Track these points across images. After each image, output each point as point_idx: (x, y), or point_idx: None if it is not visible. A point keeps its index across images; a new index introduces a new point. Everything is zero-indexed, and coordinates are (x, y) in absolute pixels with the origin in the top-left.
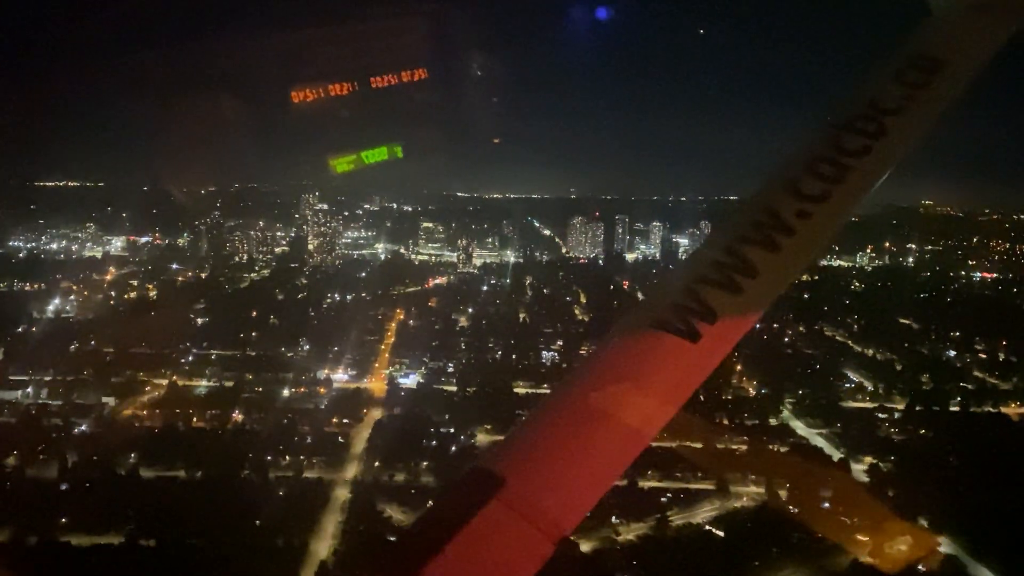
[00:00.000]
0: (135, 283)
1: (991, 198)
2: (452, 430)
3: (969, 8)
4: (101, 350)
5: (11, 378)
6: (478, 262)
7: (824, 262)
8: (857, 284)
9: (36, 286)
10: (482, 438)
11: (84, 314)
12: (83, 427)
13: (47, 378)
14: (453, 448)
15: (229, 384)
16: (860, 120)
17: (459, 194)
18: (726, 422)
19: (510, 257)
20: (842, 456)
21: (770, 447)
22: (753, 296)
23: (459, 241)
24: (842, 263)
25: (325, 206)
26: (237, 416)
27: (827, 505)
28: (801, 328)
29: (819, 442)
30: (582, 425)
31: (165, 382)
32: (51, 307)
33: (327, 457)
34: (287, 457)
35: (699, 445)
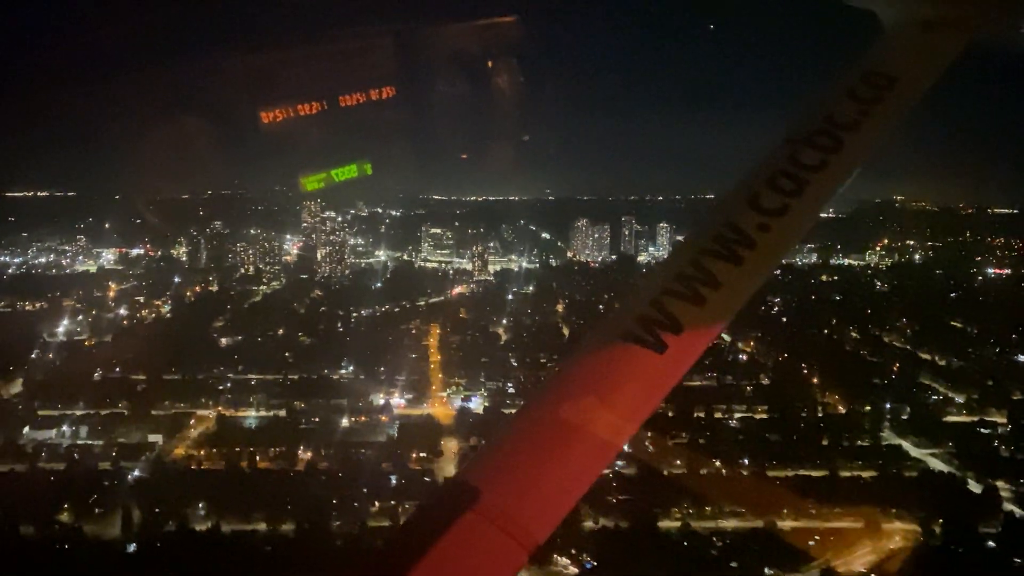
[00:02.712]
0: (141, 299)
1: (956, 194)
2: None
3: (920, 26)
4: (129, 378)
5: (40, 413)
6: (491, 268)
7: (835, 261)
8: (881, 284)
9: (36, 305)
10: None
11: (98, 336)
12: (136, 472)
13: (78, 412)
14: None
15: (281, 414)
16: (817, 135)
17: (435, 197)
18: (826, 443)
19: (522, 263)
20: (966, 479)
21: (893, 472)
22: (717, 307)
23: (473, 248)
24: (852, 262)
25: (332, 213)
26: (304, 454)
27: (992, 544)
28: (855, 334)
29: (937, 464)
30: (554, 437)
31: (210, 414)
32: (60, 329)
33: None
34: (376, 503)
35: (822, 473)
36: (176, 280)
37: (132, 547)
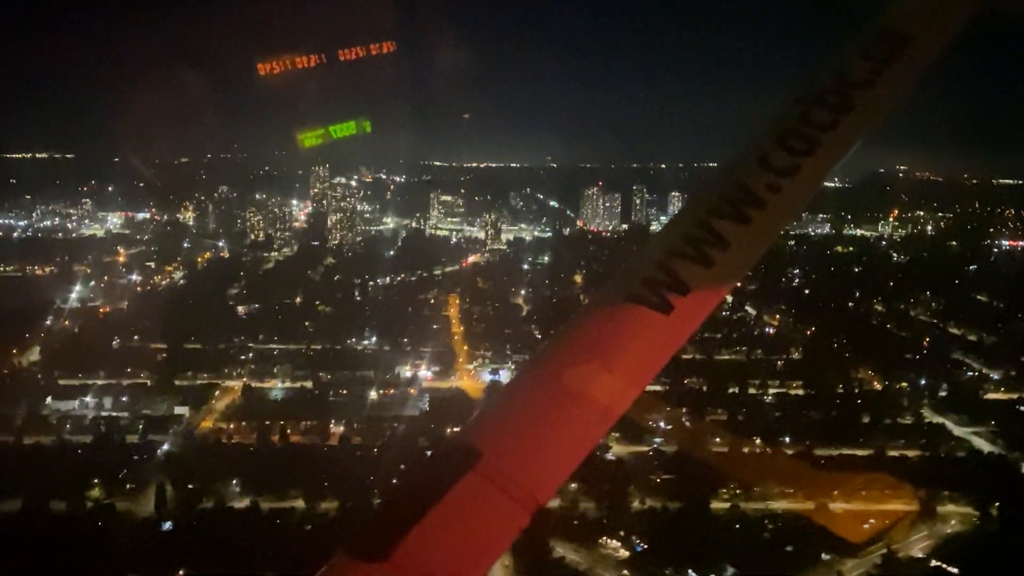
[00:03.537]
0: (152, 265)
1: (960, 164)
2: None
3: None
4: (148, 346)
5: (61, 383)
6: (503, 237)
7: (848, 232)
8: (898, 256)
9: (46, 270)
10: (619, 449)
11: (112, 303)
12: (165, 446)
13: (99, 382)
14: (604, 460)
15: (307, 385)
16: (829, 94)
17: (437, 163)
18: (867, 421)
19: (533, 231)
20: (1018, 460)
21: (940, 452)
22: (725, 269)
23: (485, 216)
24: (865, 233)
25: (342, 179)
26: (336, 428)
27: None
28: (880, 307)
29: (980, 443)
30: (557, 398)
31: (235, 385)
32: (73, 295)
33: None
34: None
35: (866, 452)
36: (186, 246)
37: (168, 525)
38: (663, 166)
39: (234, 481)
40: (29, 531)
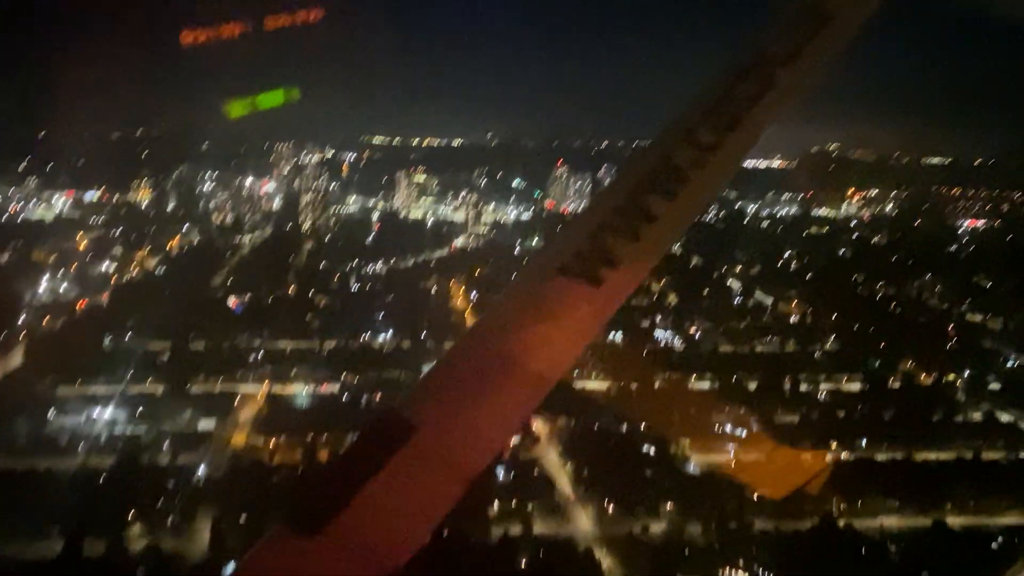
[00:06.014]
0: (119, 252)
1: (889, 142)
2: (654, 446)
3: None
4: (145, 347)
5: (60, 392)
6: (483, 219)
7: (815, 212)
8: (879, 238)
9: (2, 257)
10: (699, 459)
11: (89, 295)
12: (202, 468)
13: (102, 390)
14: (688, 475)
15: (333, 390)
16: (752, 70)
17: (377, 140)
18: (938, 419)
19: (509, 213)
20: None
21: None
22: (651, 242)
23: (465, 197)
24: (829, 213)
25: (315, 158)
26: None
27: None
28: (889, 292)
29: None
30: (490, 370)
31: (254, 391)
32: (42, 288)
33: (543, 499)
34: (496, 502)
35: (949, 456)
36: (149, 229)
37: (231, 569)
38: (604, 143)
39: None
40: None
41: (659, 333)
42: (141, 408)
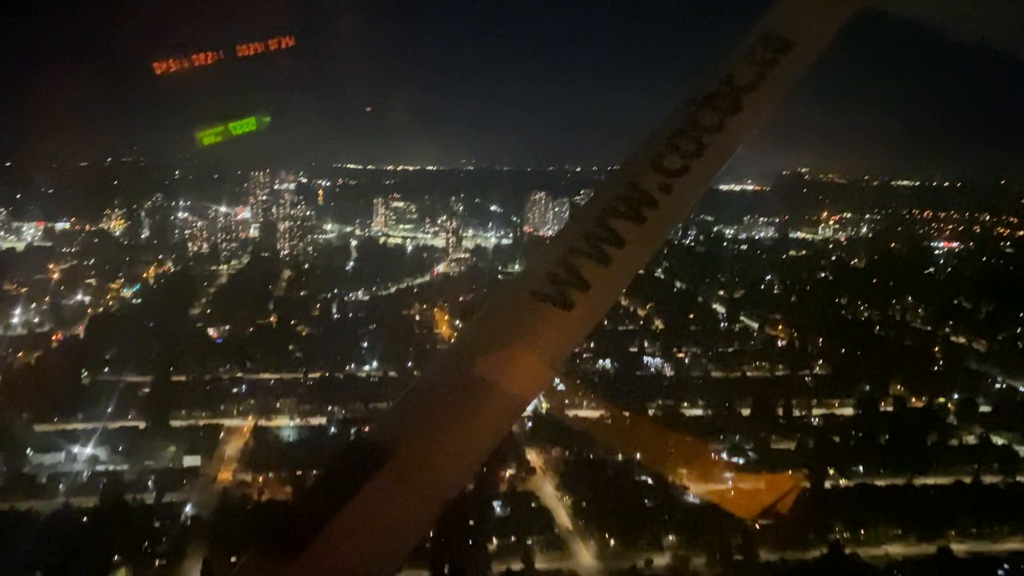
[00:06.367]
0: (93, 282)
1: (859, 166)
2: (651, 476)
3: None
4: (124, 380)
5: (37, 429)
6: (464, 245)
7: (793, 235)
8: (856, 260)
9: None
10: (697, 490)
11: (64, 328)
12: (189, 507)
13: (80, 426)
14: (690, 504)
15: (320, 422)
16: (717, 96)
17: (350, 166)
18: (932, 443)
19: (489, 239)
20: None
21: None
22: (621, 265)
23: (444, 223)
24: (806, 236)
25: (291, 186)
26: None
27: None
28: (873, 315)
29: None
30: (465, 392)
31: (239, 425)
32: (15, 320)
33: (543, 536)
34: (495, 539)
35: (945, 481)
36: (124, 259)
37: None
38: (578, 169)
39: None
40: None
41: (648, 360)
42: (123, 444)
